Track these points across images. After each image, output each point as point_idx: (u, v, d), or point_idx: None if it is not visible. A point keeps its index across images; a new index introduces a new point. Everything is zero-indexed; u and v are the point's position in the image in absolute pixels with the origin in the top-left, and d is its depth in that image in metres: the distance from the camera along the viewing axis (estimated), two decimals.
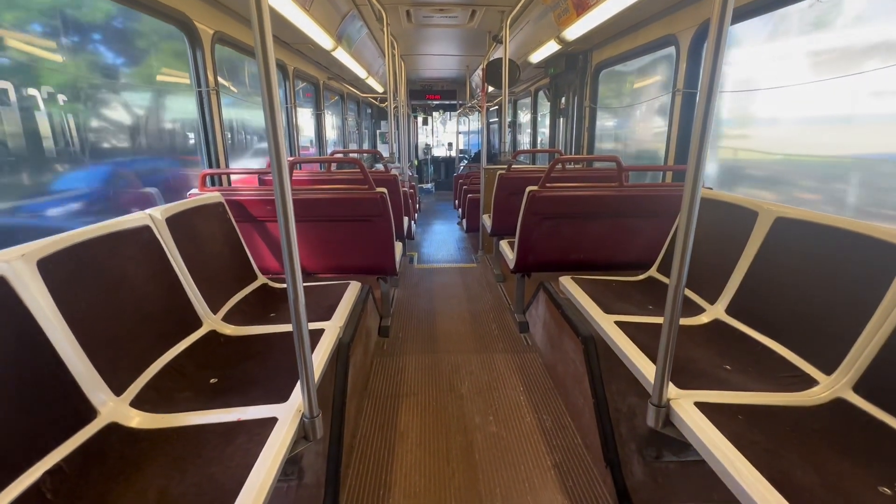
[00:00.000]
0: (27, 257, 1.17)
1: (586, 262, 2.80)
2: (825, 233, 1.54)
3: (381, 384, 2.48)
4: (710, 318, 1.89)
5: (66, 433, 1.12)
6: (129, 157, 2.71)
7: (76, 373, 1.19)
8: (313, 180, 3.89)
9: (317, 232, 2.57)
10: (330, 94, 6.88)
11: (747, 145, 3.03)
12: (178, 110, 3.15)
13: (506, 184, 3.70)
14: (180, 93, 3.14)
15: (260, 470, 1.05)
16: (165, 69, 3.05)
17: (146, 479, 1.06)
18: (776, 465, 1.05)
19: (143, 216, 1.69)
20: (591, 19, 3.35)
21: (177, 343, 1.63)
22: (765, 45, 2.76)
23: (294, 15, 3.14)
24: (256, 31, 0.95)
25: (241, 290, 2.16)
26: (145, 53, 2.87)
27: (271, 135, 1.02)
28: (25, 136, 1.94)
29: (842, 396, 1.31)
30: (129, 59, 2.72)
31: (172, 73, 3.08)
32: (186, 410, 1.32)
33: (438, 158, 12.16)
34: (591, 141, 5.02)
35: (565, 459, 1.90)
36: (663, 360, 1.19)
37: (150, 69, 2.93)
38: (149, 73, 2.92)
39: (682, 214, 1.11)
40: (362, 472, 1.85)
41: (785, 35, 2.63)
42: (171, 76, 3.10)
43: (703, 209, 2.12)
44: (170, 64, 3.02)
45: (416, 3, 4.24)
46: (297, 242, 1.11)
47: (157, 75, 3.01)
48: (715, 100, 1.04)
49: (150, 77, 2.95)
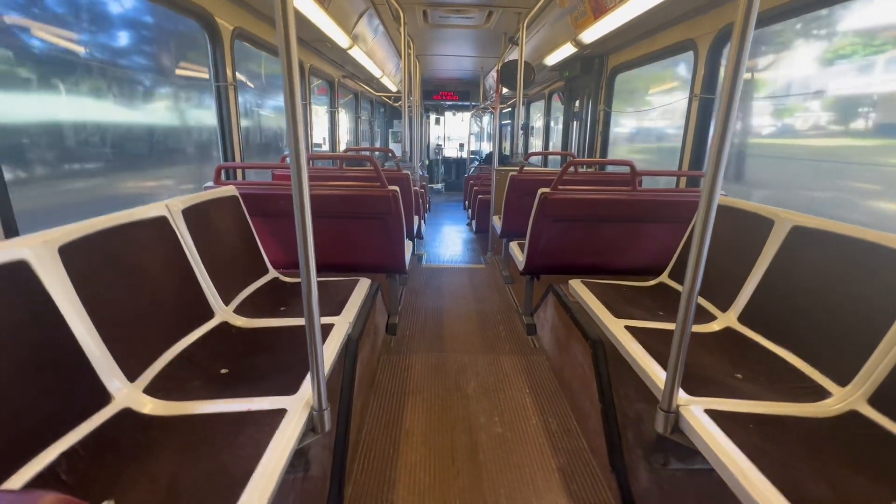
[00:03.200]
0: (49, 243, 1.19)
1: (596, 266, 2.79)
2: (843, 242, 1.51)
3: (388, 381, 2.49)
4: (722, 326, 1.87)
5: (82, 417, 1.15)
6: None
7: (93, 358, 1.21)
8: (326, 177, 3.92)
9: (328, 228, 2.58)
10: (344, 92, 6.93)
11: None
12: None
13: (517, 185, 3.69)
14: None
15: (269, 460, 1.06)
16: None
17: (158, 465, 1.08)
18: (788, 477, 1.03)
19: (161, 207, 1.72)
20: (608, 22, 3.34)
21: (189, 333, 1.65)
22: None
23: (312, 12, 3.17)
24: (280, 29, 0.97)
25: (252, 283, 2.19)
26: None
27: (292, 131, 1.03)
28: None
29: (856, 409, 1.29)
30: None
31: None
32: (198, 399, 1.34)
33: (449, 159, 12.17)
34: (605, 145, 4.99)
35: (570, 463, 1.89)
36: (674, 365, 1.19)
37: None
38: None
39: (698, 221, 1.10)
40: (367, 467, 1.86)
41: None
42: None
43: (719, 216, 2.08)
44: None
45: (433, 3, 4.25)
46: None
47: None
48: (736, 106, 1.03)
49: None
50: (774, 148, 3.00)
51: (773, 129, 2.98)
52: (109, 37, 2.32)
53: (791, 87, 2.80)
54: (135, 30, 2.51)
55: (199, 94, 3.08)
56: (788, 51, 2.83)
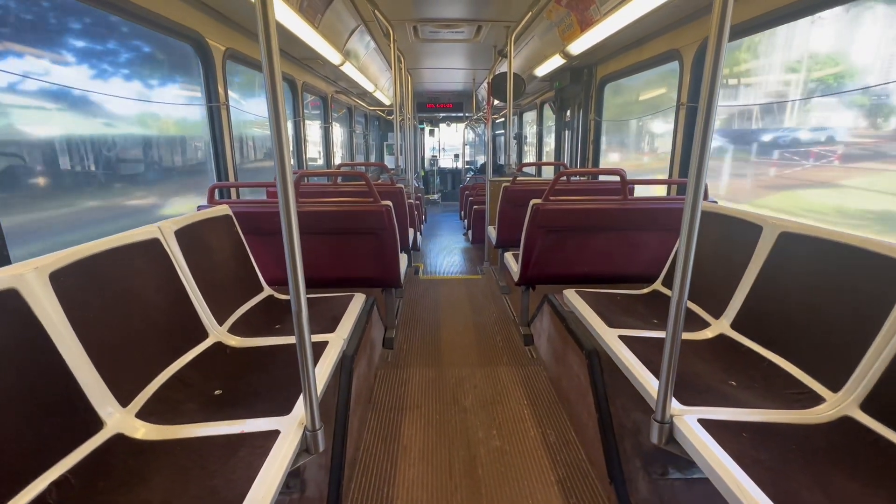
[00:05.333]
0: (40, 270, 1.20)
1: (591, 275, 2.80)
2: (830, 248, 1.53)
3: (385, 396, 2.48)
4: (715, 333, 1.87)
5: (73, 444, 1.14)
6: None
7: (84, 385, 1.21)
8: (320, 192, 3.95)
9: (322, 244, 2.59)
10: (338, 106, 6.99)
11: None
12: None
13: (511, 196, 3.72)
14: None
15: (262, 483, 1.06)
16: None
17: (150, 491, 1.07)
18: (781, 485, 1.03)
19: (153, 229, 1.73)
20: (595, 34, 3.39)
21: (183, 354, 1.65)
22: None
23: (303, 31, 3.22)
24: (263, 49, 0.99)
25: (246, 302, 2.19)
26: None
27: (277, 149, 1.05)
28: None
29: (849, 415, 1.29)
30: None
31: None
32: (191, 422, 1.34)
33: (445, 170, 12.24)
34: (596, 154, 5.04)
35: (569, 475, 1.88)
36: (666, 376, 1.19)
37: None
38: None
39: (683, 228, 1.12)
40: (365, 485, 1.84)
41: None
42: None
43: (708, 223, 2.11)
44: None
45: (423, 18, 4.32)
46: (303, 254, 1.13)
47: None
48: (714, 114, 1.06)
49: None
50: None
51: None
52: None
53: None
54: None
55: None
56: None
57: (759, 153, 3.10)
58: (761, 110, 2.98)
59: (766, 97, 2.95)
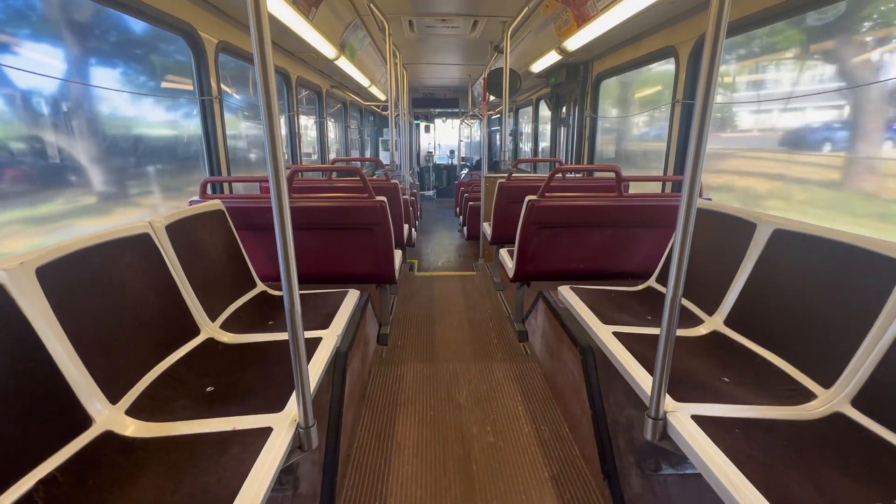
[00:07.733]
0: (26, 265, 1.17)
1: (586, 272, 2.80)
2: (823, 245, 1.53)
3: (379, 393, 2.48)
4: (709, 330, 1.88)
5: (61, 442, 1.12)
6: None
7: (72, 381, 1.19)
8: (314, 188, 3.92)
9: (316, 240, 2.57)
10: (333, 101, 6.94)
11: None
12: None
13: (506, 192, 3.71)
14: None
15: (254, 480, 1.05)
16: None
17: (140, 489, 1.06)
18: (773, 480, 1.04)
19: (144, 224, 1.70)
20: (591, 30, 3.38)
21: (174, 351, 1.63)
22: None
23: (297, 24, 3.18)
24: (255, 41, 0.97)
25: (239, 298, 2.17)
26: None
27: (269, 144, 1.03)
28: None
29: (840, 411, 1.30)
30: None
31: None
32: (182, 419, 1.32)
33: (440, 165, 12.20)
34: (592, 150, 5.04)
35: (563, 471, 1.89)
36: (660, 373, 1.19)
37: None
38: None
39: (678, 225, 1.12)
40: (358, 482, 1.84)
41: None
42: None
43: (702, 220, 2.12)
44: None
45: (419, 13, 4.29)
46: (296, 250, 1.12)
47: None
48: (711, 111, 1.05)
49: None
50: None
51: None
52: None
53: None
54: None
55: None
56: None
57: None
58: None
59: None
